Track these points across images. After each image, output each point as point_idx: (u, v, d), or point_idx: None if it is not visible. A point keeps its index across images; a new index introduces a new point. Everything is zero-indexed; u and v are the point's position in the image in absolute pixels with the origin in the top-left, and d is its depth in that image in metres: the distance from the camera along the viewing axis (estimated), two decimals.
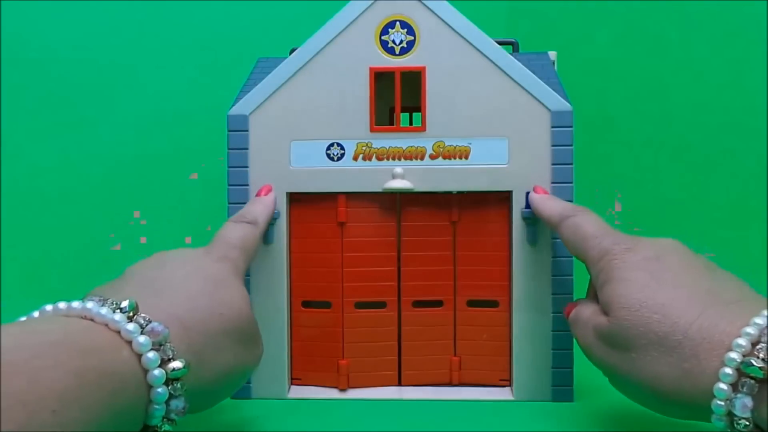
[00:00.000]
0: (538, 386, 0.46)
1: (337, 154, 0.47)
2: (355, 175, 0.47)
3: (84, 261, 0.70)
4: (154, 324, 0.30)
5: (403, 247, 0.49)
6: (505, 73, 0.46)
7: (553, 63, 0.51)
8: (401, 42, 0.46)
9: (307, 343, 0.49)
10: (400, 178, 0.46)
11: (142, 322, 0.30)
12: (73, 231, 0.70)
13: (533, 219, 0.46)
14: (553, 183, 0.46)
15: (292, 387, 0.49)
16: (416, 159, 0.47)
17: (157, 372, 0.29)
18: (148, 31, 0.71)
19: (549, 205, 0.44)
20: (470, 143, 0.46)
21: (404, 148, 0.47)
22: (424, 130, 0.47)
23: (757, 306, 0.31)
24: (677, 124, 0.69)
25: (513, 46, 0.53)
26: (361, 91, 0.46)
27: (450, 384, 0.49)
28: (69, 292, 0.67)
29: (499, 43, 0.47)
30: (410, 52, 0.46)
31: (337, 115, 0.47)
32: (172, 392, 0.30)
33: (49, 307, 0.30)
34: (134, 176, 0.70)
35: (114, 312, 0.29)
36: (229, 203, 0.47)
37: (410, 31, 0.46)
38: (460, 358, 0.49)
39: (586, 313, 0.38)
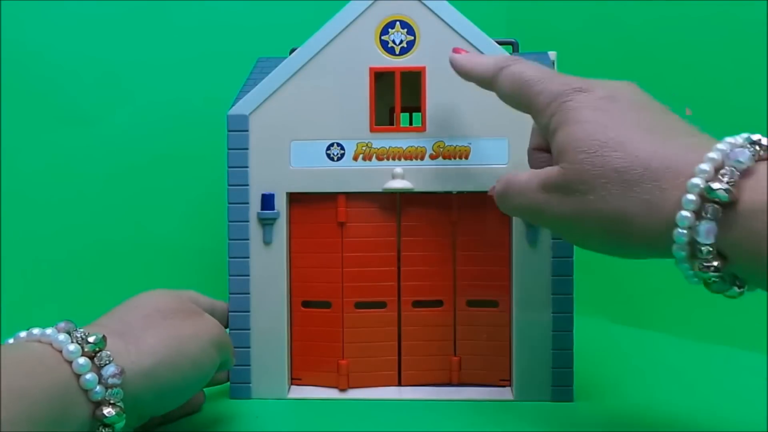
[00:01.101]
0: (538, 386, 0.46)
1: (337, 154, 0.47)
2: (355, 175, 0.47)
3: (84, 261, 0.70)
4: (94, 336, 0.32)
5: (403, 247, 0.49)
6: None
7: (553, 63, 0.51)
8: (401, 42, 0.46)
9: (307, 343, 0.49)
10: (400, 178, 0.46)
11: (79, 337, 0.32)
12: (72, 231, 0.70)
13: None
14: None
15: (292, 387, 0.49)
16: (416, 159, 0.47)
17: (81, 360, 0.31)
18: (147, 30, 0.71)
19: (478, 60, 0.40)
20: (470, 143, 0.46)
21: (404, 148, 0.47)
22: (424, 130, 0.47)
23: (714, 140, 0.30)
24: None
25: (513, 46, 0.53)
26: (361, 91, 0.46)
27: (450, 384, 0.49)
28: (69, 293, 0.67)
29: (499, 43, 0.47)
30: (410, 52, 0.46)
31: (337, 115, 0.47)
32: (98, 361, 0.31)
33: (23, 334, 0.32)
34: (134, 176, 0.70)
35: (72, 340, 0.31)
36: (229, 203, 0.47)
37: (410, 31, 0.46)
38: (460, 358, 0.49)
39: (522, 177, 0.37)
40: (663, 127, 0.32)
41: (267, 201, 0.47)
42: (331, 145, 0.47)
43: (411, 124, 0.54)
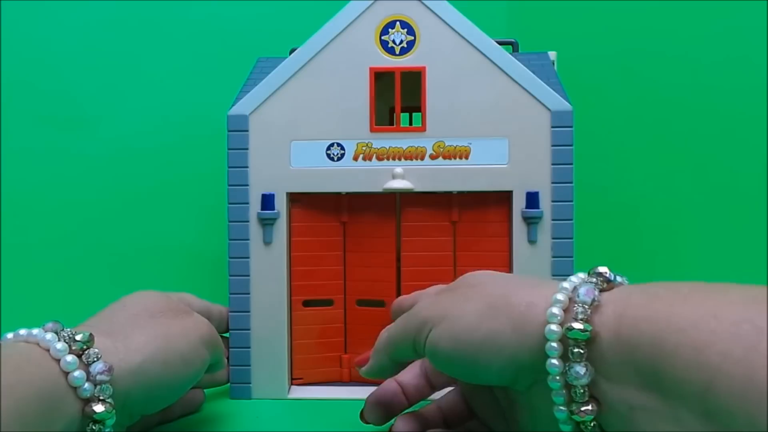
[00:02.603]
0: None
1: (337, 154, 0.47)
2: (355, 176, 0.47)
3: (84, 263, 0.70)
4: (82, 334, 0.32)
5: (403, 247, 0.49)
6: (505, 73, 0.46)
7: (553, 63, 0.51)
8: (401, 42, 0.46)
9: (307, 341, 0.49)
10: (400, 178, 0.46)
11: (66, 336, 0.32)
12: (72, 231, 0.70)
13: (533, 218, 0.46)
14: (553, 183, 0.46)
15: (293, 387, 0.49)
16: (416, 159, 0.47)
17: (69, 358, 0.31)
18: (146, 30, 0.71)
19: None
20: (470, 143, 0.46)
21: (404, 149, 0.47)
22: (424, 130, 0.47)
23: (556, 284, 0.30)
24: (678, 124, 0.69)
25: (513, 46, 0.53)
26: (362, 92, 0.46)
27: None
28: (69, 296, 0.67)
29: (499, 43, 0.47)
30: (410, 52, 0.46)
31: (338, 115, 0.47)
32: (86, 359, 0.31)
33: (10, 335, 0.32)
34: (134, 177, 0.70)
35: (59, 339, 0.31)
36: (229, 203, 0.47)
37: (410, 31, 0.46)
38: None
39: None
40: (504, 283, 0.32)
41: (267, 201, 0.47)
42: (332, 145, 0.47)
43: (410, 124, 0.54)
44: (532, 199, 0.46)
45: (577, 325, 0.27)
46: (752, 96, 0.65)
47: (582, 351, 0.27)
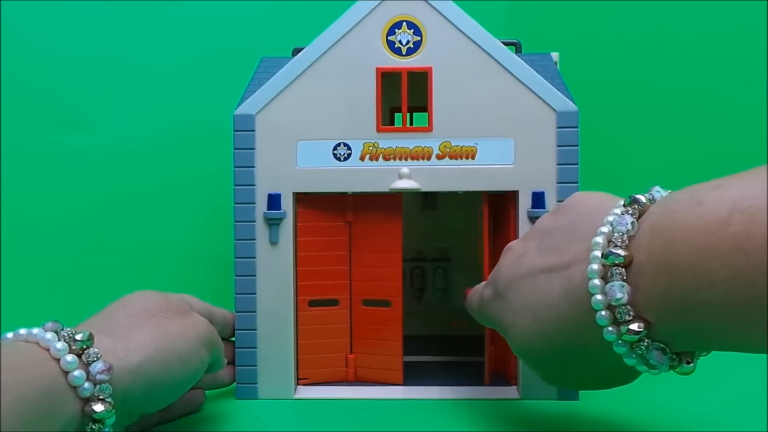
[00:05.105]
0: (543, 385, 0.46)
1: (344, 154, 0.47)
2: (361, 176, 0.47)
3: (86, 261, 0.69)
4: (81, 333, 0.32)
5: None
6: (511, 73, 0.46)
7: (556, 64, 0.52)
8: (408, 42, 0.47)
9: (313, 341, 0.49)
10: (407, 179, 0.47)
11: (66, 335, 0.32)
12: (75, 231, 0.69)
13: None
14: (558, 183, 0.46)
15: (299, 387, 0.49)
16: (423, 159, 0.47)
17: (69, 358, 0.31)
18: (147, 30, 0.71)
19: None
20: (476, 143, 0.47)
21: (411, 149, 0.47)
22: (431, 130, 0.47)
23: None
24: (680, 124, 0.69)
25: (516, 47, 0.53)
26: (368, 92, 0.47)
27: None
28: (69, 293, 0.67)
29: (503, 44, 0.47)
30: (417, 52, 0.47)
31: (344, 115, 0.47)
32: (85, 359, 0.32)
33: (10, 335, 0.32)
34: (138, 177, 0.70)
35: (59, 339, 0.31)
36: (235, 203, 0.47)
37: (417, 31, 0.46)
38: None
39: (477, 286, 0.42)
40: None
41: (273, 201, 0.47)
42: (338, 145, 0.47)
43: (412, 124, 0.54)
44: (538, 199, 0.46)
45: (615, 250, 0.28)
46: (756, 92, 0.66)
47: (620, 272, 0.28)
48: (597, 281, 0.29)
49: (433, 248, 0.63)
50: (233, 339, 0.48)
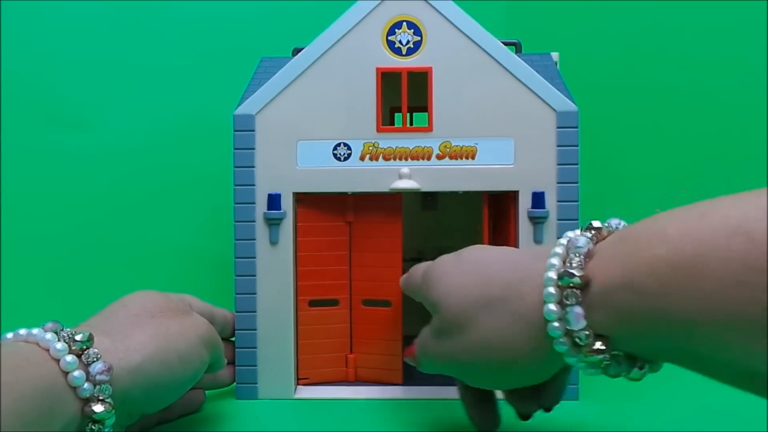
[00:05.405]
0: None
1: (344, 154, 0.47)
2: (361, 176, 0.47)
3: (86, 261, 0.69)
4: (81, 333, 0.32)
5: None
6: (511, 73, 0.46)
7: (556, 64, 0.52)
8: (408, 42, 0.47)
9: (313, 341, 0.49)
10: (407, 179, 0.47)
11: (66, 336, 0.32)
12: (75, 231, 0.69)
13: (539, 218, 0.46)
14: (558, 183, 0.46)
15: (299, 387, 0.49)
16: (423, 159, 0.47)
17: (69, 358, 0.31)
18: (147, 30, 0.71)
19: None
20: (477, 143, 0.47)
21: (411, 149, 0.47)
22: (431, 130, 0.47)
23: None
24: (680, 124, 0.69)
25: (516, 47, 0.53)
26: (368, 92, 0.47)
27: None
28: (69, 293, 0.67)
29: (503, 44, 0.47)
30: (417, 52, 0.47)
31: (344, 115, 0.47)
32: (85, 359, 0.32)
33: (9, 335, 0.32)
34: (137, 177, 0.70)
35: (59, 339, 0.32)
36: (236, 203, 0.47)
37: (417, 31, 0.46)
38: None
39: (421, 335, 0.39)
40: (508, 256, 0.35)
41: (273, 201, 0.47)
42: (338, 145, 0.47)
43: (412, 124, 0.54)
44: (538, 199, 0.46)
45: (571, 271, 0.28)
46: (756, 92, 0.66)
47: (576, 293, 0.28)
48: (552, 306, 0.29)
49: (433, 248, 0.63)
50: (233, 339, 0.48)
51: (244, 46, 0.68)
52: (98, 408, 0.31)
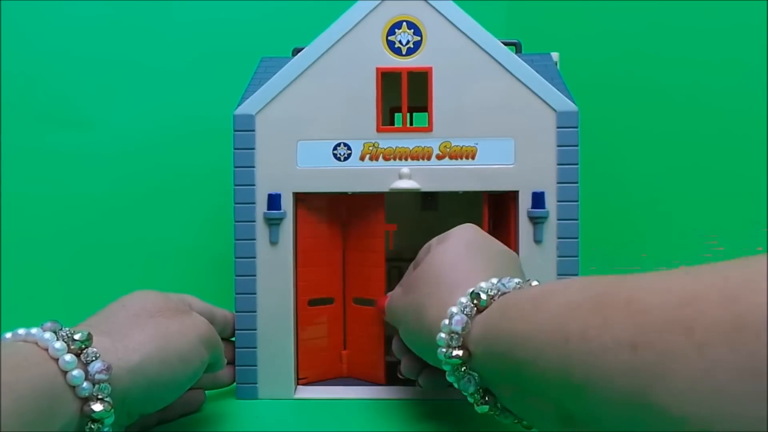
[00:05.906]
0: None
1: (344, 154, 0.47)
2: (361, 176, 0.47)
3: (86, 261, 0.69)
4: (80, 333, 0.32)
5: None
6: (511, 73, 0.46)
7: (556, 64, 0.52)
8: (408, 42, 0.47)
9: (313, 340, 0.50)
10: (407, 179, 0.47)
11: (65, 335, 0.32)
12: (74, 231, 0.69)
13: (539, 218, 0.46)
14: (558, 183, 0.46)
15: (299, 387, 0.49)
16: (423, 159, 0.47)
17: (67, 357, 0.31)
18: (147, 30, 0.71)
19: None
20: (477, 143, 0.47)
21: (411, 149, 0.47)
22: (431, 130, 0.47)
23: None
24: (680, 124, 0.69)
25: (516, 47, 0.53)
26: (368, 92, 0.47)
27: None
28: (69, 293, 0.67)
29: (503, 44, 0.47)
30: (417, 52, 0.47)
31: (344, 115, 0.47)
32: (84, 358, 0.32)
33: (9, 335, 0.32)
34: (138, 177, 0.70)
35: (57, 338, 0.32)
36: (236, 203, 0.47)
37: (417, 31, 0.46)
38: None
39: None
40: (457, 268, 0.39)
41: (273, 201, 0.47)
42: (338, 145, 0.47)
43: (412, 124, 0.54)
44: (538, 199, 0.46)
45: (454, 352, 0.33)
46: (756, 92, 0.66)
47: (461, 369, 0.33)
48: (444, 335, 0.34)
49: None
50: (233, 339, 0.48)
51: (244, 46, 0.68)
52: (97, 407, 0.31)
